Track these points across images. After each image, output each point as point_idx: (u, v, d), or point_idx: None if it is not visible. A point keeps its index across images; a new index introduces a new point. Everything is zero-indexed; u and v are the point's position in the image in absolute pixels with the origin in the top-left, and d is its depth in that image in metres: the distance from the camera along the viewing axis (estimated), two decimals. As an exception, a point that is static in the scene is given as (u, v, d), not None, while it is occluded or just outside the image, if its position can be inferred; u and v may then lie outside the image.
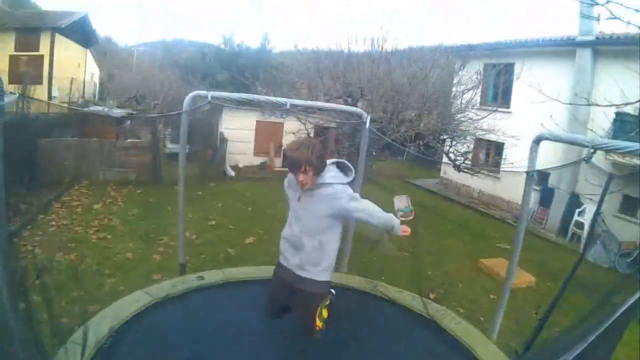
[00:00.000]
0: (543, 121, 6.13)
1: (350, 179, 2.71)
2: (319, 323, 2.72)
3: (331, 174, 2.64)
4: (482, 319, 5.22)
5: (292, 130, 8.62)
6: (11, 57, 17.19)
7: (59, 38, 18.20)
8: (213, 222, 8.54)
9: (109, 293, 5.21)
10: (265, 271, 4.17)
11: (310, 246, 2.65)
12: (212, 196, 10.62)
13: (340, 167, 2.75)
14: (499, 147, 11.40)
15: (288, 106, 3.83)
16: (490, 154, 12.43)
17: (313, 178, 2.54)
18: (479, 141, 11.34)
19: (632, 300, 1.75)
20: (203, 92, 3.63)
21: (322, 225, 2.64)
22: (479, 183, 12.19)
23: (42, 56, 17.65)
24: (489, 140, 11.18)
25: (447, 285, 6.46)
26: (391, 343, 3.35)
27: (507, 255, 5.74)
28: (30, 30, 17.82)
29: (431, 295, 5.84)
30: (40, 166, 10.11)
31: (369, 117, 4.25)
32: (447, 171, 13.54)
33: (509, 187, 10.81)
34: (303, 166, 2.49)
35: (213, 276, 4.08)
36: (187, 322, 3.34)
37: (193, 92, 3.69)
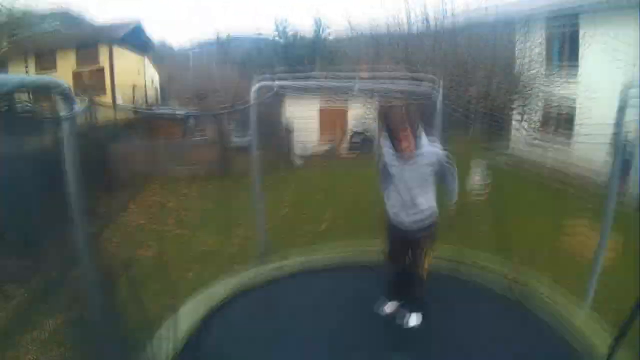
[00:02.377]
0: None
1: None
2: (426, 264, 3.11)
3: (424, 137, 2.86)
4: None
5: (356, 116, 8.41)
6: (74, 73, 18.32)
7: (116, 49, 19.10)
8: (285, 211, 8.56)
9: (190, 286, 5.31)
10: (342, 256, 4.13)
11: (425, 203, 2.97)
12: (281, 185, 10.53)
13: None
14: (569, 113, 10.62)
15: (356, 91, 3.70)
16: (560, 120, 11.60)
17: (413, 140, 2.76)
18: (548, 108, 10.62)
19: None
20: (269, 82, 3.57)
21: (428, 180, 2.95)
22: (547, 157, 11.43)
23: (102, 68, 18.65)
24: (558, 106, 10.42)
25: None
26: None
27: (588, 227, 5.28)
28: (88, 46, 18.86)
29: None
30: (113, 171, 10.61)
31: (441, 81, 4.03)
32: (514, 148, 12.82)
33: (581, 157, 10.02)
34: (401, 127, 2.73)
35: (295, 262, 4.06)
36: (270, 311, 3.33)
37: (258, 83, 3.63)
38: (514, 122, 7.68)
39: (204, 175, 11.35)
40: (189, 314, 3.28)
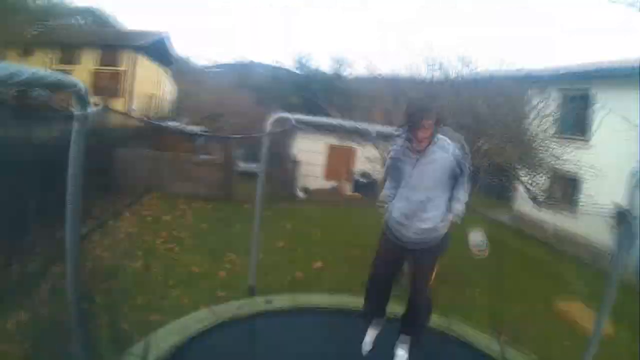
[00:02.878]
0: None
1: None
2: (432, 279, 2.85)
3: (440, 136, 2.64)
4: None
5: (368, 156, 8.35)
6: (95, 71, 18.64)
7: (139, 56, 19.46)
8: (281, 244, 8.41)
9: (173, 305, 5.16)
10: (337, 300, 4.01)
11: (438, 210, 2.72)
12: (282, 217, 10.51)
13: None
14: (576, 182, 10.59)
15: (374, 134, 3.68)
16: (567, 188, 11.56)
17: (431, 134, 2.54)
18: (555, 175, 10.59)
19: None
20: (286, 115, 3.57)
21: (444, 181, 2.69)
22: (554, 218, 11.36)
23: (122, 72, 18.97)
24: (566, 173, 10.39)
25: (519, 326, 5.80)
26: None
27: (584, 299, 5.13)
28: (113, 47, 19.26)
29: (503, 338, 5.35)
30: (115, 174, 10.59)
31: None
32: (520, 205, 12.74)
33: (586, 224, 9.95)
34: (426, 119, 2.50)
35: (282, 301, 3.94)
36: (249, 346, 3.20)
37: (277, 114, 3.64)
38: (521, 181, 7.61)
39: (205, 194, 11.32)
40: (164, 337, 3.14)
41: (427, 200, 2.67)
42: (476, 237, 6.66)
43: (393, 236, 2.85)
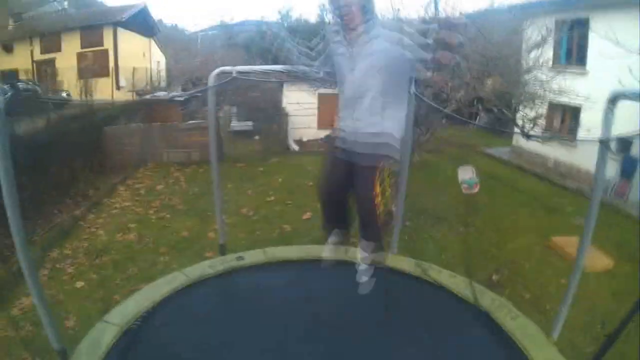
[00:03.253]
0: (622, 79, 5.29)
1: None
2: (378, 203, 2.40)
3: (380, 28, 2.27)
4: (548, 306, 4.62)
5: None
6: (78, 54, 18.48)
7: (121, 31, 19.18)
8: (272, 198, 8.47)
9: (161, 271, 5.21)
10: (309, 251, 4.01)
11: (370, 101, 2.29)
12: (274, 171, 10.58)
13: None
14: (575, 112, 10.27)
15: (321, 74, 3.51)
16: (565, 119, 11.26)
17: (359, 14, 2.19)
18: (552, 105, 10.29)
19: None
20: (228, 68, 3.45)
21: (384, 80, 2.26)
22: (554, 152, 11.14)
23: (106, 50, 18.78)
24: (563, 104, 10.08)
25: (513, 265, 5.81)
26: (434, 337, 2.99)
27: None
28: (92, 27, 19.07)
29: (494, 277, 5.33)
30: (107, 152, 10.63)
31: (413, 80, 3.80)
32: (519, 139, 12.48)
33: (587, 156, 9.65)
34: None
35: (254, 257, 3.94)
36: (218, 305, 3.23)
37: (218, 69, 3.51)
38: (518, 115, 7.43)
39: (198, 159, 11.26)
40: (135, 302, 3.18)
41: (360, 98, 2.31)
42: (465, 174, 6.58)
43: (336, 144, 2.54)
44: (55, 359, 2.83)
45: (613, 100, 2.62)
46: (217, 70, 3.49)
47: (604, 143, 2.71)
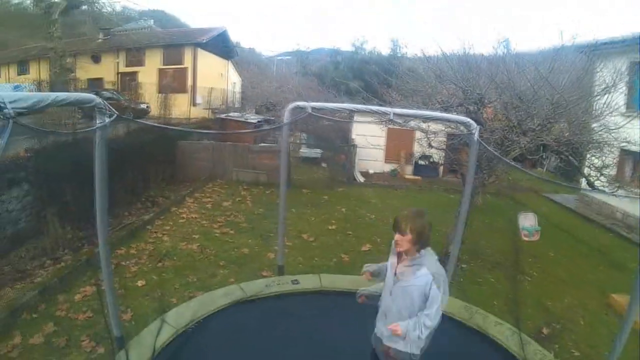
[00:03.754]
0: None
1: None
2: None
3: (433, 259, 2.58)
4: None
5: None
6: (159, 70, 19.99)
7: (200, 52, 20.57)
8: (333, 227, 8.66)
9: (218, 283, 5.54)
10: (364, 283, 4.16)
11: (396, 320, 2.60)
12: (338, 201, 10.84)
13: None
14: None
15: (391, 116, 3.75)
16: (637, 168, 10.68)
17: (410, 245, 2.49)
18: (625, 153, 9.82)
19: None
20: (302, 103, 3.73)
21: (413, 306, 2.57)
22: (622, 203, 10.55)
23: (186, 68, 20.15)
24: (635, 153, 9.57)
25: (566, 320, 5.58)
26: None
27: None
28: (175, 46, 20.62)
29: (544, 330, 5.14)
30: (179, 164, 11.39)
31: (477, 128, 3.95)
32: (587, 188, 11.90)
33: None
34: (403, 226, 2.47)
35: (308, 281, 4.13)
36: (269, 323, 3.43)
37: (293, 103, 3.81)
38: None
39: (266, 182, 11.80)
40: (191, 308, 3.47)
41: (390, 308, 2.69)
42: (525, 221, 6.48)
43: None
44: (109, 345, 3.15)
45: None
46: (292, 105, 3.78)
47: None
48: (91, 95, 2.47)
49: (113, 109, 2.54)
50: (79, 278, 5.53)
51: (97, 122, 2.51)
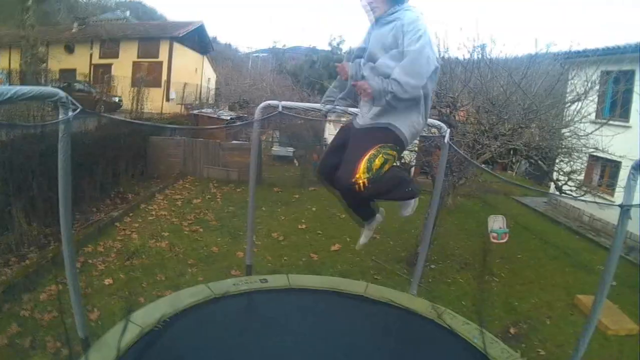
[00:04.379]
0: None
1: None
2: (362, 172, 2.14)
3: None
4: None
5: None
6: (134, 63, 19.60)
7: (176, 46, 20.25)
8: (303, 226, 8.64)
9: (187, 282, 5.53)
10: (333, 283, 4.17)
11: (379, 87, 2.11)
12: (309, 200, 10.83)
13: None
14: (615, 167, 10.05)
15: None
16: (605, 174, 11.02)
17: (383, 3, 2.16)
18: (593, 159, 10.11)
19: None
20: (274, 102, 3.68)
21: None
22: (590, 207, 10.86)
23: (161, 62, 19.84)
24: (603, 159, 9.87)
25: (533, 320, 5.70)
26: None
27: (613, 293, 4.88)
28: (150, 39, 20.25)
29: (512, 330, 5.27)
30: (150, 160, 11.17)
31: (448, 131, 3.96)
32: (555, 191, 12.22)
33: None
34: None
35: (277, 280, 4.10)
36: (236, 322, 3.39)
37: (264, 102, 3.76)
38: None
39: (237, 179, 11.70)
40: (157, 308, 3.39)
41: (369, 71, 2.21)
42: (495, 224, 6.58)
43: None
44: (76, 346, 3.06)
45: (638, 167, 2.53)
46: (264, 104, 3.73)
47: (623, 208, 2.71)
48: (55, 89, 2.37)
49: (77, 104, 2.44)
50: (45, 276, 5.34)
51: (61, 117, 2.41)
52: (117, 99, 16.07)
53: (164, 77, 19.84)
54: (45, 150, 6.25)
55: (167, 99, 19.42)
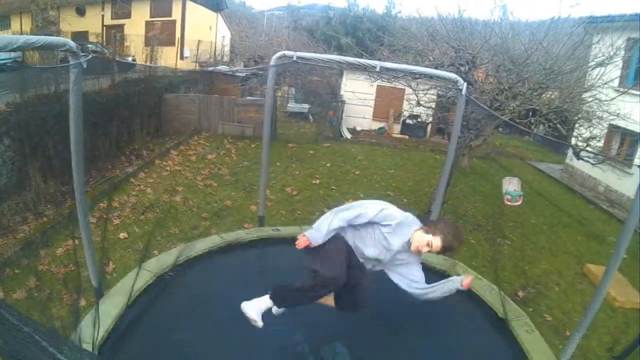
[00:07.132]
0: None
1: None
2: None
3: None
4: (568, 333, 4.52)
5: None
6: (147, 22, 19.33)
7: (189, 4, 19.86)
8: (317, 181, 8.65)
9: (200, 234, 5.55)
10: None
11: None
12: (323, 156, 10.80)
13: None
14: (635, 137, 9.78)
15: (378, 69, 3.65)
16: (624, 144, 10.75)
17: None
18: (613, 128, 9.85)
19: None
20: (290, 52, 3.62)
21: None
22: (606, 177, 10.67)
23: (174, 21, 19.51)
24: (623, 128, 9.62)
25: (541, 286, 5.70)
26: (445, 334, 3.11)
27: (622, 265, 4.82)
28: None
29: (520, 293, 5.29)
30: (164, 117, 11.17)
31: (465, 85, 3.87)
32: (573, 158, 12.00)
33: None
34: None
35: (289, 230, 4.13)
36: (249, 268, 3.44)
37: (279, 52, 3.71)
38: (573, 133, 7.23)
39: (252, 135, 11.64)
40: (171, 255, 3.46)
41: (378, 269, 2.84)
42: (509, 186, 6.53)
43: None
44: (90, 297, 3.17)
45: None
46: (279, 54, 3.68)
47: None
48: (64, 39, 2.38)
49: (86, 53, 2.45)
50: (61, 232, 5.48)
51: (71, 62, 2.41)
52: (130, 59, 15.96)
53: (177, 35, 19.56)
54: (61, 110, 6.26)
55: (182, 57, 19.24)
